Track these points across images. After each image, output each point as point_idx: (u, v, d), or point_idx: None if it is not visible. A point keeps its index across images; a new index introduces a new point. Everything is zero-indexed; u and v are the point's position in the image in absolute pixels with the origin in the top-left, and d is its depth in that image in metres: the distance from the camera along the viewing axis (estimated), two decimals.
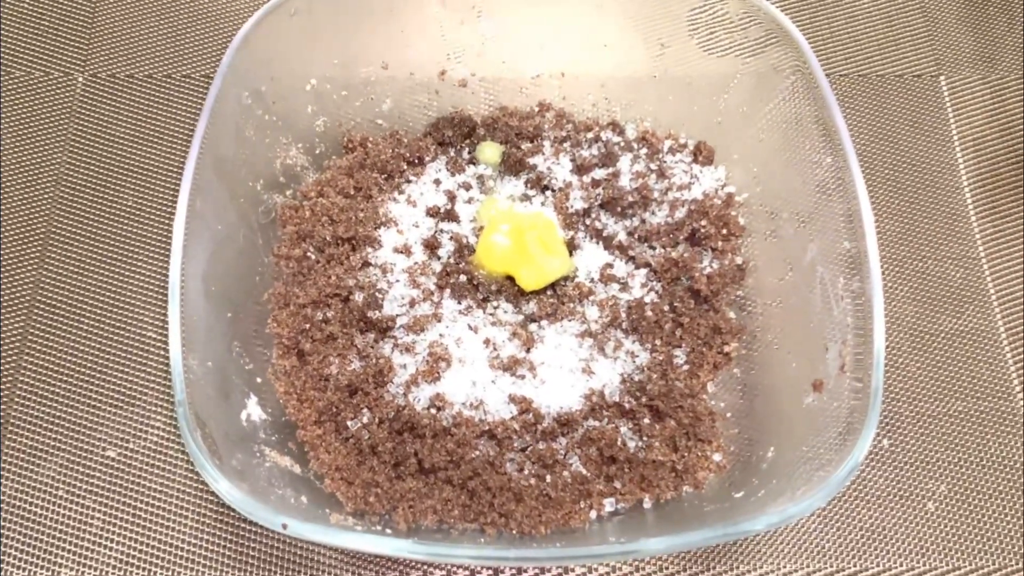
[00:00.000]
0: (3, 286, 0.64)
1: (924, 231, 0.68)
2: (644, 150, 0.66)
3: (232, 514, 0.58)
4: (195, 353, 0.50)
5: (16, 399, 0.61)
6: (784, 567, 0.57)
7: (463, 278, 0.61)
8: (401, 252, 0.62)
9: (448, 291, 0.61)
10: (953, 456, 0.60)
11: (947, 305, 0.65)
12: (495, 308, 0.61)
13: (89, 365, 0.62)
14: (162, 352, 0.62)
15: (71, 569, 0.56)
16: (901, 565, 0.57)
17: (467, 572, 0.57)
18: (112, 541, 0.57)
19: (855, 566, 0.57)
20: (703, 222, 0.62)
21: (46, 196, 0.67)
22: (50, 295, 0.64)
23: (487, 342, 0.59)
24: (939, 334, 0.64)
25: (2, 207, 0.67)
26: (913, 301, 0.65)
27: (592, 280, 0.61)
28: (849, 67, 0.74)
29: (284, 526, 0.45)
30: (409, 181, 0.65)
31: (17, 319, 0.63)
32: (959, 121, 0.72)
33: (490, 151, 0.66)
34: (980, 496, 0.59)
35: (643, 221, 0.63)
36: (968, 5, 0.76)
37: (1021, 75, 0.73)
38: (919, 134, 0.71)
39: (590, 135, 0.66)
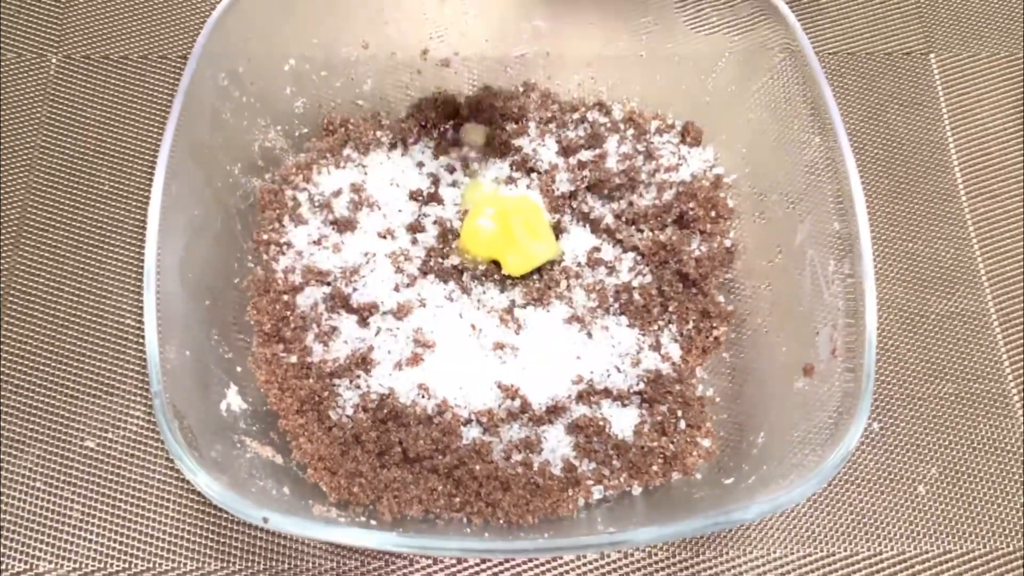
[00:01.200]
0: None
1: (914, 211, 0.67)
2: (631, 131, 0.64)
3: (214, 504, 0.57)
4: (172, 342, 0.49)
5: None
6: (774, 552, 0.57)
7: (447, 263, 0.60)
8: (384, 236, 0.61)
9: (432, 276, 0.59)
10: (944, 439, 0.60)
11: (937, 286, 0.64)
12: (480, 293, 0.60)
13: (66, 353, 0.61)
14: (141, 340, 0.61)
15: (49, 562, 0.55)
16: (892, 549, 0.57)
17: (454, 559, 0.56)
18: (91, 532, 0.56)
19: (846, 551, 0.57)
20: (691, 204, 0.61)
21: (19, 181, 0.66)
22: (24, 282, 0.62)
23: (472, 328, 0.58)
24: (929, 316, 0.64)
25: None
26: (903, 283, 0.65)
27: (579, 264, 0.60)
28: (838, 45, 0.73)
29: (265, 520, 0.44)
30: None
31: None
32: (949, 100, 0.71)
33: (474, 133, 0.65)
34: (971, 479, 0.59)
35: (630, 204, 0.62)
36: None
37: (1011, 53, 0.73)
38: (909, 113, 0.70)
39: (576, 116, 0.65)
